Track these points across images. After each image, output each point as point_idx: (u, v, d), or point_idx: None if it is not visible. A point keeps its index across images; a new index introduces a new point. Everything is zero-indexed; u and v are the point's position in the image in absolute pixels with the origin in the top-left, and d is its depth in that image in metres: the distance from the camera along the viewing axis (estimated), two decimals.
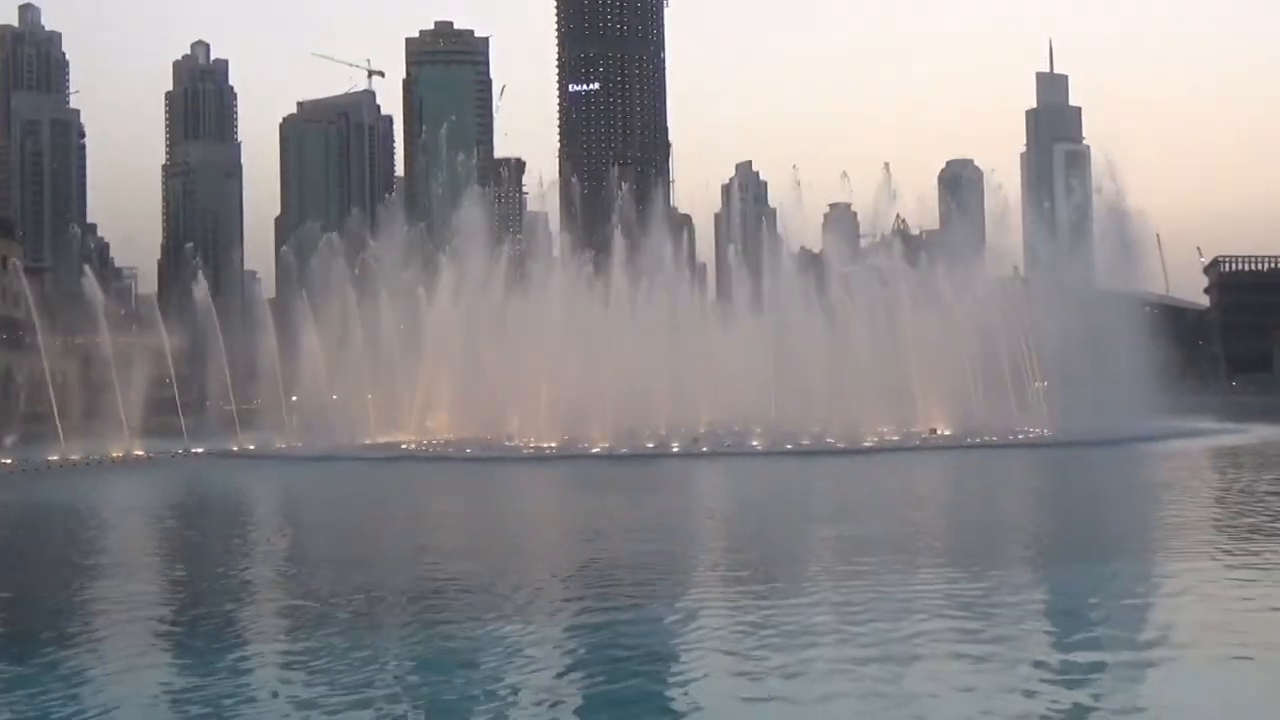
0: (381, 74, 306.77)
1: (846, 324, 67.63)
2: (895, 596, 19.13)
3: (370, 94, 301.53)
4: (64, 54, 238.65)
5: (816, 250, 75.74)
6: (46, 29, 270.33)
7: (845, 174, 69.53)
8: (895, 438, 63.21)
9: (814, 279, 69.89)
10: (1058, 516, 32.64)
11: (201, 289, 68.40)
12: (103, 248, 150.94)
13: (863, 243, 71.97)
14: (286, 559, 26.44)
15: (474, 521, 33.50)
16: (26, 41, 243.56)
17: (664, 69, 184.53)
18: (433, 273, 68.90)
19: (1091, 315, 66.07)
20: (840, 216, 71.81)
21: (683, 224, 71.84)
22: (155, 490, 44.69)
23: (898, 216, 76.18)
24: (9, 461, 53.71)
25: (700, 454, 57.62)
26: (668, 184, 79.43)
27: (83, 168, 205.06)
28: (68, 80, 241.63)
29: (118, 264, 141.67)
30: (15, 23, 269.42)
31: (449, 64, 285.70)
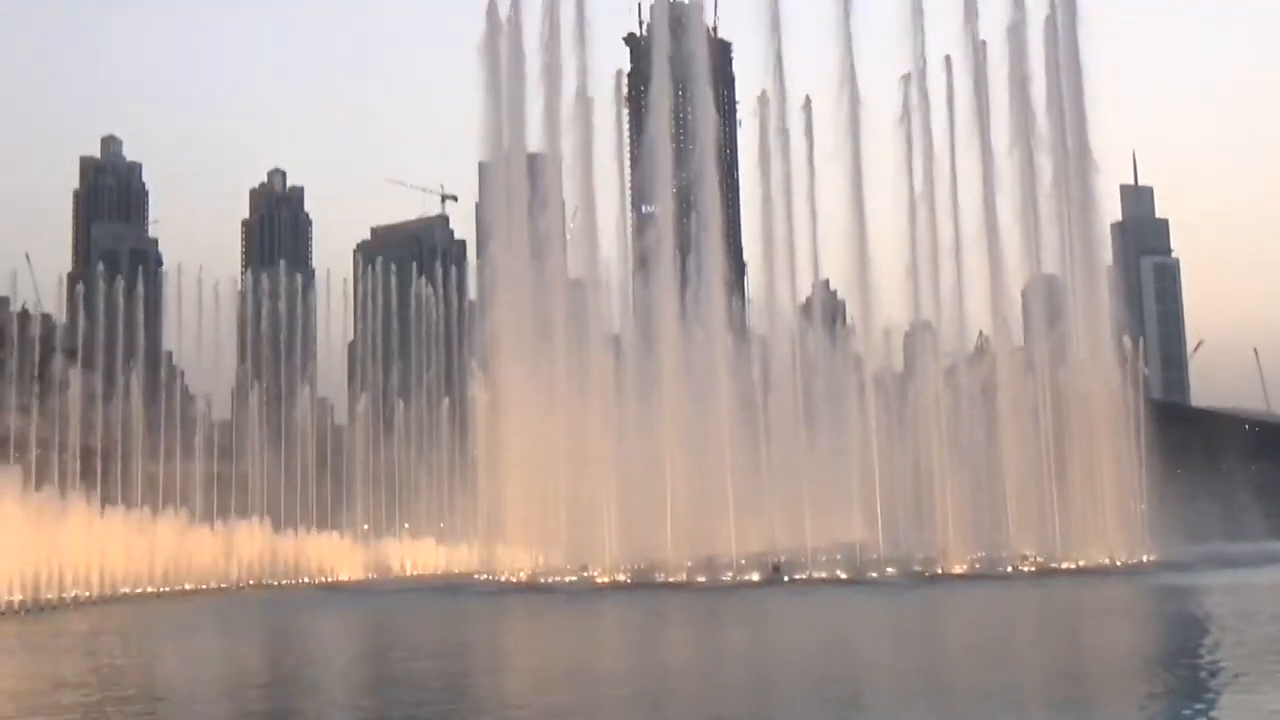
0: (455, 198, 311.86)
1: (930, 444, 65.52)
2: None
3: (444, 218, 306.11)
4: (144, 184, 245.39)
5: (898, 369, 73.84)
6: (127, 159, 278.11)
7: (927, 296, 67.47)
8: (985, 564, 60.84)
9: (896, 399, 67.98)
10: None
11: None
12: (178, 374, 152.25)
13: (945, 362, 69.85)
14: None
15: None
16: (108, 172, 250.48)
17: (737, 188, 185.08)
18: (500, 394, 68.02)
19: (1190, 433, 63.34)
20: (921, 334, 69.74)
21: (760, 342, 70.19)
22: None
23: (980, 334, 74.22)
24: None
25: (796, 582, 55.67)
26: (744, 303, 78.02)
27: (159, 296, 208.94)
28: (147, 209, 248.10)
29: (191, 390, 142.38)
30: (97, 154, 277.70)
31: None
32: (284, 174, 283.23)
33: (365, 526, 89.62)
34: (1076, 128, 69.85)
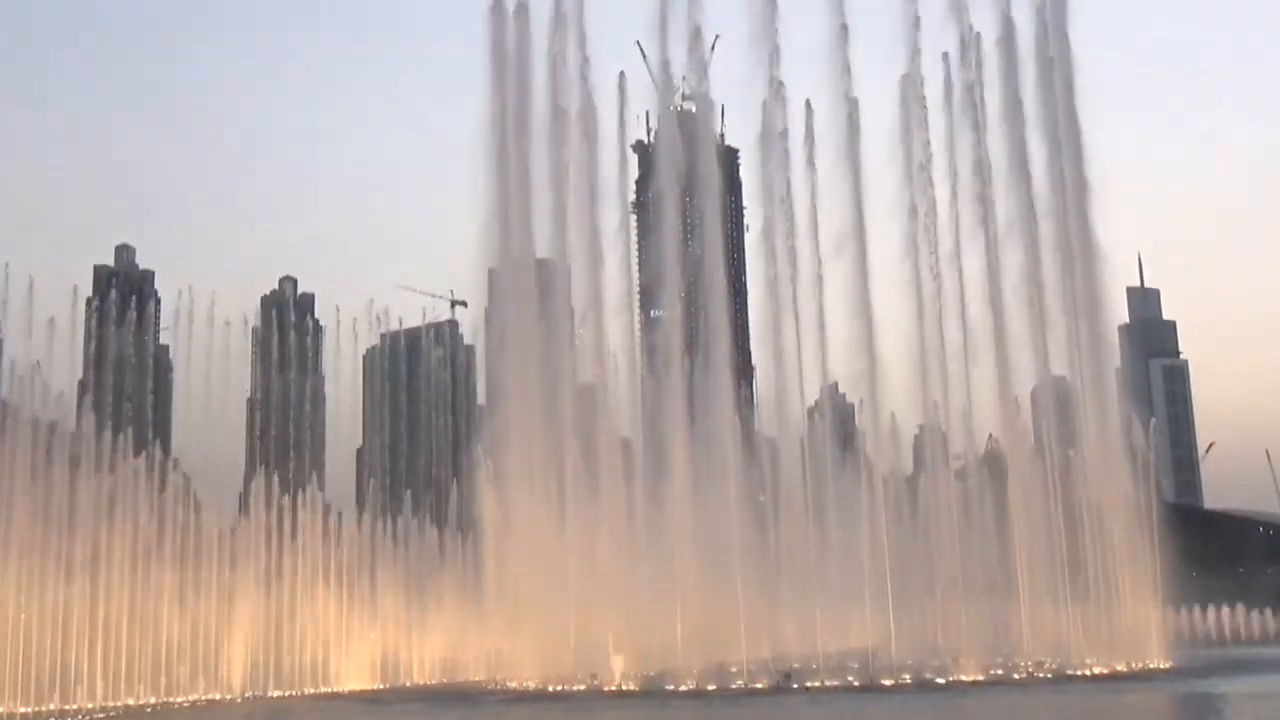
0: (464, 303, 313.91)
1: (942, 548, 65.08)
2: None
3: (453, 323, 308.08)
4: (156, 290, 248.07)
5: (907, 472, 73.59)
6: (140, 267, 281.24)
7: (937, 403, 67.51)
8: (1000, 669, 59.99)
9: (907, 502, 67.69)
10: None
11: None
12: (185, 480, 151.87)
13: (955, 464, 69.64)
14: None
15: None
16: (121, 280, 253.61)
17: (745, 291, 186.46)
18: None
19: (1205, 536, 62.87)
20: (930, 438, 69.63)
21: (770, 448, 70.08)
22: None
23: (990, 436, 73.99)
24: None
25: (808, 689, 54.88)
26: (753, 409, 78.06)
27: (169, 402, 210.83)
28: (159, 316, 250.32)
29: (199, 496, 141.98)
30: (111, 262, 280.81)
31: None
32: (295, 281, 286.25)
33: (372, 636, 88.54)
34: (1080, 225, 70.48)
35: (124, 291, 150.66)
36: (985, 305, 68.12)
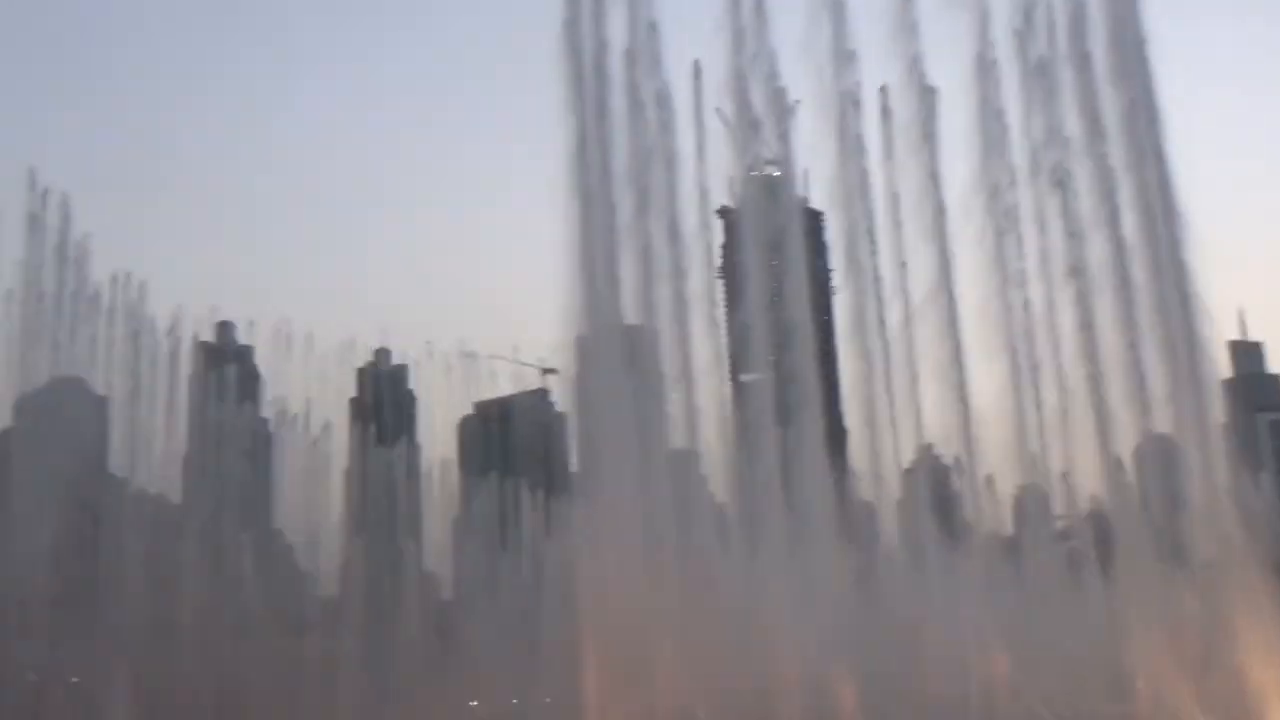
0: (554, 371, 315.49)
1: (1047, 611, 63.64)
2: None
3: (544, 391, 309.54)
4: (255, 366, 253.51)
5: (1008, 533, 72.22)
6: (239, 343, 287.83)
7: (1034, 459, 66.32)
8: None
9: (1010, 565, 66.33)
10: None
11: None
12: (287, 550, 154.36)
13: (1058, 524, 68.17)
14: None
15: None
16: (223, 356, 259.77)
17: (835, 354, 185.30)
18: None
19: None
20: (1031, 497, 68.32)
21: (869, 511, 69.31)
22: None
23: (1092, 497, 72.29)
24: None
25: None
26: (848, 471, 77.36)
27: (269, 475, 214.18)
28: (259, 391, 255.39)
29: (302, 567, 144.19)
30: (213, 338, 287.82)
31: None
32: (388, 353, 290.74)
33: (474, 703, 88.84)
34: (1177, 277, 68.75)
35: (225, 367, 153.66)
36: (1082, 361, 66.76)
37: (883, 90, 72.85)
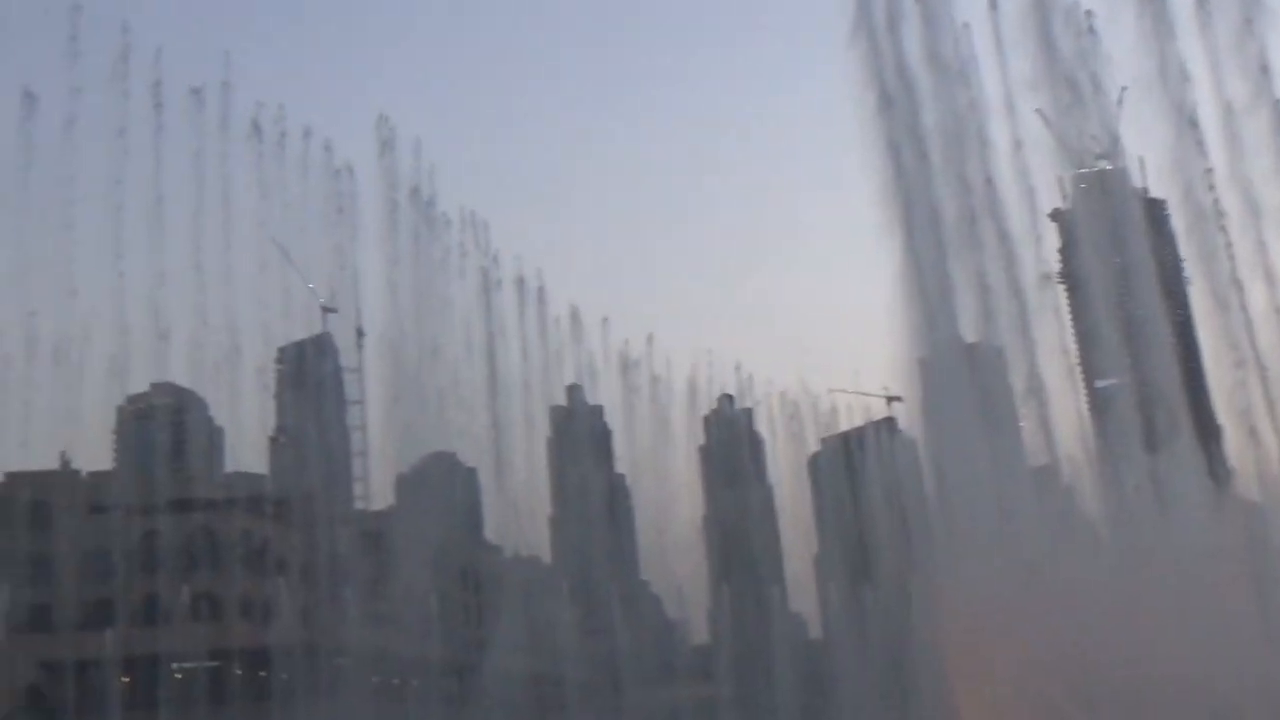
0: (899, 398, 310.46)
1: None
2: None
3: (890, 419, 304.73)
4: (605, 424, 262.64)
5: None
6: (590, 403, 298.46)
7: None
8: None
9: None
10: None
11: None
12: (655, 601, 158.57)
13: None
14: None
15: None
16: (575, 418, 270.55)
17: (1196, 348, 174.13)
18: None
19: None
20: None
21: (1254, 512, 64.22)
22: None
23: None
24: None
25: None
26: (1224, 472, 72.19)
27: (632, 528, 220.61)
28: (612, 447, 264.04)
29: (670, 615, 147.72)
30: (564, 402, 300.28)
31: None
32: (731, 398, 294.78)
33: None
34: None
35: (580, 429, 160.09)
36: None
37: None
